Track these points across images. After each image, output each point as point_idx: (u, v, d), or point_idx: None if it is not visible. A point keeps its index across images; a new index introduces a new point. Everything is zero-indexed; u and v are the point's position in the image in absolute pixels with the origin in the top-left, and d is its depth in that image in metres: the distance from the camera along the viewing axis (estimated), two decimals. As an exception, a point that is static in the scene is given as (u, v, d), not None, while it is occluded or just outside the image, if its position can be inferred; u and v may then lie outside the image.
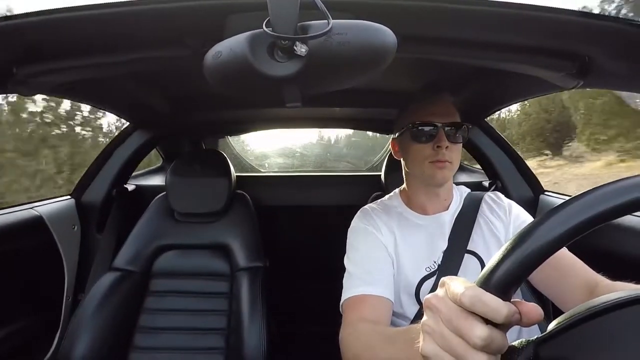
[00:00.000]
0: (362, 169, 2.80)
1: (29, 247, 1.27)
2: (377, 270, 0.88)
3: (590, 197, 0.37)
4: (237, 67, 0.53)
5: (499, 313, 0.35)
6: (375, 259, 0.90)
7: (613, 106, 10.90)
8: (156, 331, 1.26)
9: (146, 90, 1.24)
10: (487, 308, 0.36)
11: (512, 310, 0.36)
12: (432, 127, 0.90)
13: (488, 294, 0.37)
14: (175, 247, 1.37)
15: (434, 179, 0.92)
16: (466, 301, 0.37)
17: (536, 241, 0.36)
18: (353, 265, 0.90)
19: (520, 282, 0.37)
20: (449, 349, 0.37)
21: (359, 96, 1.39)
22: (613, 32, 0.62)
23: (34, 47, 0.71)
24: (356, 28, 0.50)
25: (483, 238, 0.92)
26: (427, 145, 0.90)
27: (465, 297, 0.37)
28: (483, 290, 0.37)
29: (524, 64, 0.78)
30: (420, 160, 0.91)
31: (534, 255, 0.36)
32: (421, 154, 0.91)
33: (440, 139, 0.89)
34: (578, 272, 0.79)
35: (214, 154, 1.47)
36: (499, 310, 0.35)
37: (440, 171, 0.90)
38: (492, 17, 0.63)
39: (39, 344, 1.32)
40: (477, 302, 0.36)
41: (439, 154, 0.89)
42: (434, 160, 0.90)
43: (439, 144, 0.89)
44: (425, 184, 0.96)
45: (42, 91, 0.93)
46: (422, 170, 0.92)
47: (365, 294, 0.84)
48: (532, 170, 1.56)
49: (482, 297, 0.36)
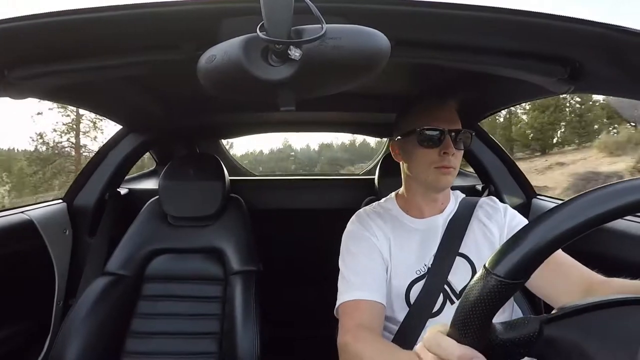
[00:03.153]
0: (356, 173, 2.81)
1: (19, 252, 1.25)
2: (372, 275, 0.89)
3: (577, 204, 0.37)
4: (231, 71, 0.53)
5: (452, 354, 0.41)
6: (370, 264, 0.90)
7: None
8: (148, 336, 1.25)
9: (140, 94, 1.23)
10: (441, 350, 0.42)
11: (467, 353, 0.40)
12: (439, 132, 0.90)
13: (443, 336, 0.42)
14: (168, 251, 1.36)
15: (438, 184, 0.93)
16: (426, 345, 0.45)
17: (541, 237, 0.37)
18: (348, 270, 0.91)
19: (536, 264, 0.38)
20: None
21: (353, 100, 1.39)
22: (603, 38, 0.63)
23: (25, 50, 0.70)
24: (350, 32, 0.50)
25: (475, 242, 0.93)
26: (433, 151, 0.90)
27: (426, 342, 0.45)
28: (440, 334, 0.43)
29: (515, 68, 0.79)
30: (426, 165, 0.92)
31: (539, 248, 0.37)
32: (427, 159, 0.91)
33: (448, 145, 0.89)
34: (572, 269, 0.80)
35: (207, 158, 1.46)
36: (450, 351, 0.41)
37: (445, 177, 0.91)
38: (484, 22, 0.64)
39: (29, 349, 1.30)
40: (432, 344, 0.44)
41: (445, 159, 0.90)
42: (440, 166, 0.90)
43: (446, 150, 0.89)
44: (426, 188, 0.96)
45: (33, 95, 0.92)
46: (426, 175, 0.92)
47: (360, 299, 0.84)
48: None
49: (437, 339, 0.43)
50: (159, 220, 1.40)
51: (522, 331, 0.39)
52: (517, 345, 0.39)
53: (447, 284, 0.88)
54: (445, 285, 0.88)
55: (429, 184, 0.94)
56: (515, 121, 18.10)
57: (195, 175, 1.38)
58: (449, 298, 0.88)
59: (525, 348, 0.39)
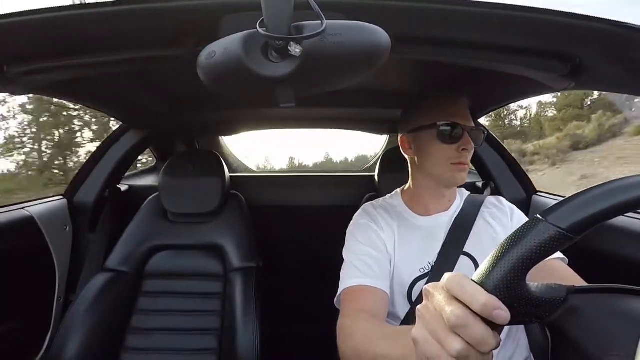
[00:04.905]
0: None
1: (19, 248, 1.26)
2: (377, 263, 0.88)
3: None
4: (231, 67, 0.53)
5: (477, 300, 0.37)
6: (375, 254, 0.90)
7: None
8: (149, 332, 1.26)
9: (140, 90, 1.23)
10: (464, 293, 0.38)
11: (492, 302, 0.36)
12: (458, 129, 0.90)
13: (468, 280, 0.39)
14: (169, 248, 1.36)
15: (453, 181, 0.93)
16: (447, 285, 0.39)
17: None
18: (352, 256, 0.90)
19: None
20: (435, 356, 0.38)
21: (354, 96, 1.39)
22: (603, 33, 0.63)
23: (25, 45, 0.70)
24: (350, 29, 0.50)
25: (480, 241, 0.92)
26: (452, 147, 0.90)
27: (447, 282, 0.39)
28: (465, 276, 0.39)
29: (516, 65, 0.79)
30: (443, 161, 0.92)
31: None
32: (445, 155, 0.91)
33: (467, 142, 0.90)
34: (567, 273, 0.79)
35: (207, 154, 1.46)
36: (476, 297, 0.37)
37: (460, 174, 0.92)
38: (485, 18, 0.64)
39: (30, 345, 1.30)
40: (455, 286, 0.38)
41: (463, 156, 0.90)
42: (457, 162, 0.91)
43: (465, 147, 0.90)
44: (438, 183, 0.96)
45: (32, 90, 0.92)
46: (442, 171, 0.92)
47: (364, 285, 0.84)
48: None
49: (461, 281, 0.38)
50: (159, 217, 1.40)
51: (550, 294, 0.39)
52: (540, 307, 0.39)
53: None
54: None
55: (443, 180, 0.94)
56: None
57: (196, 171, 1.38)
58: None
59: (548, 312, 0.39)
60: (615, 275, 0.72)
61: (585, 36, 0.66)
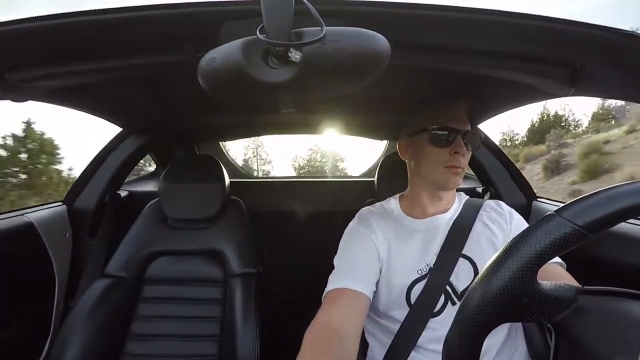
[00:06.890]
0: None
1: (19, 254, 1.25)
2: (362, 266, 0.89)
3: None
4: (232, 73, 0.53)
5: None
6: (363, 257, 0.91)
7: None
8: (148, 338, 1.25)
9: (140, 96, 1.23)
10: None
11: None
12: (451, 132, 0.91)
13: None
14: (168, 253, 1.36)
15: (446, 184, 0.94)
16: None
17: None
18: (339, 261, 0.92)
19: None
20: None
21: (354, 102, 1.39)
22: (602, 40, 0.63)
23: (27, 52, 0.70)
24: (350, 35, 0.50)
25: (479, 244, 0.92)
26: (444, 150, 0.92)
27: None
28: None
29: (516, 71, 0.79)
30: (436, 164, 0.93)
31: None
32: (438, 158, 0.92)
33: (459, 145, 0.91)
34: (565, 280, 0.79)
35: (207, 160, 1.46)
36: None
37: (454, 177, 0.92)
38: (484, 25, 0.64)
39: (29, 351, 1.29)
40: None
41: (455, 159, 0.91)
42: (449, 166, 0.91)
43: (457, 150, 0.91)
44: (434, 187, 0.97)
45: (33, 97, 0.92)
46: (436, 174, 0.93)
47: (345, 288, 0.84)
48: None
49: None
50: (159, 222, 1.40)
51: (559, 292, 0.40)
52: (549, 305, 0.39)
53: (448, 285, 0.88)
54: (447, 285, 0.88)
55: (437, 183, 0.95)
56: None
57: (195, 177, 1.38)
58: (450, 299, 0.88)
59: (556, 310, 0.40)
60: (612, 282, 0.71)
61: (585, 43, 0.67)
